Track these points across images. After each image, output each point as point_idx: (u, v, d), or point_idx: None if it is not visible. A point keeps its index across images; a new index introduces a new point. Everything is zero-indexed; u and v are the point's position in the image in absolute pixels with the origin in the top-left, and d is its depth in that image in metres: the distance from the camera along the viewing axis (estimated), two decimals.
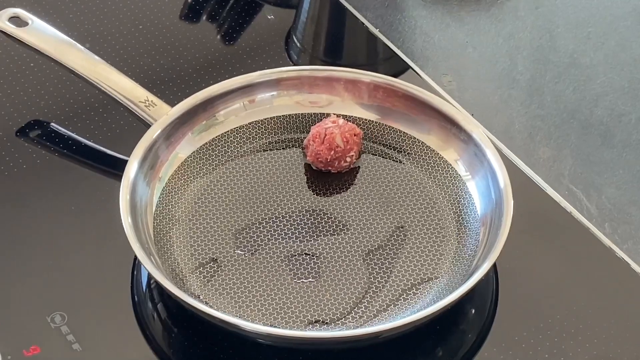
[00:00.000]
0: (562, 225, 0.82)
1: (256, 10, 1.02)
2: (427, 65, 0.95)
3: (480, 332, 0.75)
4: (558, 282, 0.78)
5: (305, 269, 0.76)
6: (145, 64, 0.94)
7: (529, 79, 0.94)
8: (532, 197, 0.83)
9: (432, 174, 0.82)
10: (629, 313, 0.77)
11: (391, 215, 0.79)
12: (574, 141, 0.89)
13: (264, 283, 0.75)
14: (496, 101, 0.93)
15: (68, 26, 0.93)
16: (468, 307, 0.76)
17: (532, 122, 0.90)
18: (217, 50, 0.98)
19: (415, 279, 0.75)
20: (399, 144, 0.84)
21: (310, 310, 0.73)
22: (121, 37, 0.96)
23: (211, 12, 1.01)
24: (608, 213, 0.82)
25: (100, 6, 0.99)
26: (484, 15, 1.00)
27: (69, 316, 0.74)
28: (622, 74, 0.94)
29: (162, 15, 1.00)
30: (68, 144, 0.87)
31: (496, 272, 0.77)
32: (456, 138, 0.82)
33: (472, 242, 0.77)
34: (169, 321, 0.75)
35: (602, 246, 0.80)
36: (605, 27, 0.99)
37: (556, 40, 0.97)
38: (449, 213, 0.79)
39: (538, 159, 0.87)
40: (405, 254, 0.77)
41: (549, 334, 0.74)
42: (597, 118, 0.91)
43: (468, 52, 0.97)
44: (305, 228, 0.78)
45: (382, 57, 0.99)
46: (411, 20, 0.99)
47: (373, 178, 0.82)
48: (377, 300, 0.74)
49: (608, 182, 0.85)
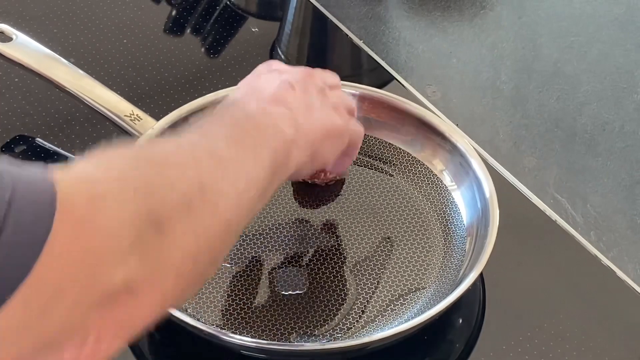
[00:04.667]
0: (548, 234, 0.82)
1: (240, 22, 1.02)
2: (411, 75, 0.95)
3: (468, 342, 0.75)
4: (544, 291, 0.78)
5: (292, 281, 0.76)
6: (130, 78, 0.94)
7: (513, 88, 0.95)
8: (518, 206, 0.84)
9: (417, 185, 0.82)
10: (615, 320, 0.77)
11: (377, 226, 0.79)
12: (559, 150, 0.89)
13: (252, 295, 0.75)
14: (481, 111, 0.93)
15: (52, 41, 0.93)
16: (455, 317, 0.76)
17: (517, 132, 0.91)
18: (202, 63, 0.98)
19: (402, 290, 0.75)
20: (384, 155, 0.84)
21: (298, 322, 0.73)
22: (106, 52, 0.96)
23: (195, 25, 1.01)
24: (593, 221, 0.83)
25: (84, 21, 0.99)
26: (468, 26, 1.01)
27: None
28: (605, 83, 0.95)
29: (146, 29, 1.00)
30: (54, 159, 0.86)
31: (483, 281, 0.77)
32: (441, 148, 0.82)
33: (459, 251, 0.77)
34: (156, 335, 0.75)
35: (587, 254, 0.80)
36: (588, 36, 1.00)
37: (539, 50, 0.98)
38: (435, 223, 0.80)
39: (523, 168, 0.87)
40: (392, 264, 0.77)
41: (536, 342, 0.74)
42: (581, 127, 0.91)
43: (452, 62, 0.97)
44: (292, 240, 0.78)
45: (366, 68, 0.99)
46: (395, 31, 1.00)
47: (359, 189, 0.82)
48: (364, 311, 0.74)
49: (593, 191, 0.86)
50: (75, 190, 0.46)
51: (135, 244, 0.47)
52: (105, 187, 0.48)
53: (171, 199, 0.51)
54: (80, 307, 0.45)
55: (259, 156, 0.61)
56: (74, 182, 0.47)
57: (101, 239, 0.46)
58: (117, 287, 0.47)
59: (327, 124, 0.70)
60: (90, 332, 0.46)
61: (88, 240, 0.45)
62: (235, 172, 0.58)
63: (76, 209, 0.45)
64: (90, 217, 0.46)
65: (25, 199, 0.43)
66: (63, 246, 0.44)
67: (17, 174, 0.44)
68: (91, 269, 0.45)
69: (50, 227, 0.43)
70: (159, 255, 0.49)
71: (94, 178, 0.48)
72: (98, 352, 0.47)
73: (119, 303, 0.47)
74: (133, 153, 0.54)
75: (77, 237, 0.45)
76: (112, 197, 0.47)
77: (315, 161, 0.69)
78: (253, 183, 0.59)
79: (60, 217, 0.44)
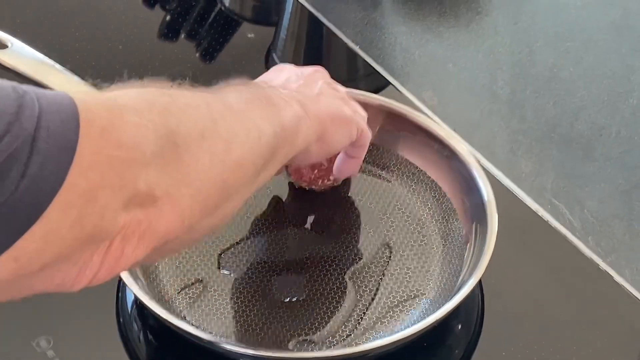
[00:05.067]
0: (546, 239, 0.82)
1: (235, 28, 1.02)
2: (407, 81, 0.95)
3: (467, 348, 0.75)
4: (543, 296, 0.78)
5: (291, 288, 0.75)
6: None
7: (510, 93, 0.95)
8: (516, 211, 0.84)
9: (416, 191, 0.82)
10: (614, 325, 0.77)
11: (376, 232, 0.79)
12: (556, 155, 0.89)
13: (250, 303, 0.74)
14: (477, 116, 0.93)
15: (48, 48, 0.92)
16: (454, 323, 0.76)
17: (514, 137, 0.91)
18: (197, 68, 0.98)
19: (401, 297, 0.75)
20: (382, 161, 0.84)
21: (297, 329, 0.73)
22: (101, 58, 0.96)
23: (190, 31, 1.01)
24: (591, 226, 0.83)
25: (79, 27, 0.99)
26: (464, 31, 1.01)
27: (55, 340, 0.73)
28: (601, 87, 0.95)
29: (141, 34, 0.99)
30: None
31: (481, 287, 0.77)
32: (439, 154, 0.82)
33: (458, 258, 0.77)
34: (155, 343, 0.74)
35: (585, 259, 0.81)
36: (583, 41, 1.00)
37: (535, 55, 0.98)
38: (433, 230, 0.79)
39: (520, 173, 0.87)
40: (391, 271, 0.77)
41: (535, 348, 0.74)
42: (577, 132, 0.91)
43: (448, 67, 0.97)
44: (291, 247, 0.78)
45: (362, 74, 0.99)
46: (391, 36, 1.00)
47: (357, 196, 0.82)
48: (364, 319, 0.74)
49: (590, 196, 0.86)
50: (94, 105, 0.49)
51: (155, 154, 0.51)
52: (125, 101, 0.52)
53: (187, 124, 0.54)
54: (109, 210, 0.49)
55: (270, 115, 0.63)
56: (93, 99, 0.50)
57: (124, 147, 0.49)
58: (140, 192, 0.50)
59: (335, 110, 0.72)
60: (118, 233, 0.50)
61: (112, 149, 0.49)
62: (247, 121, 0.60)
63: (98, 119, 0.48)
64: (111, 127, 0.49)
65: (52, 113, 0.46)
66: (90, 155, 0.47)
67: (40, 92, 0.47)
68: (117, 175, 0.49)
69: (77, 138, 0.47)
70: (176, 170, 0.53)
71: (112, 95, 0.52)
72: (122, 255, 0.51)
73: (142, 207, 0.51)
74: (149, 89, 0.57)
75: (103, 146, 0.48)
76: (131, 110, 0.51)
77: (324, 143, 0.70)
78: (264, 135, 0.61)
79: (84, 127, 0.47)
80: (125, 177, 0.49)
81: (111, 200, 0.49)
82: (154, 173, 0.51)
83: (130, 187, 0.50)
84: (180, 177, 0.53)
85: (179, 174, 0.53)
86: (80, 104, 0.48)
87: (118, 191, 0.49)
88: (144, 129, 0.51)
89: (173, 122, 0.53)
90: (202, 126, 0.56)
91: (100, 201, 0.48)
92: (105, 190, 0.48)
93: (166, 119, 0.53)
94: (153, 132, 0.51)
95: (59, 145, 0.46)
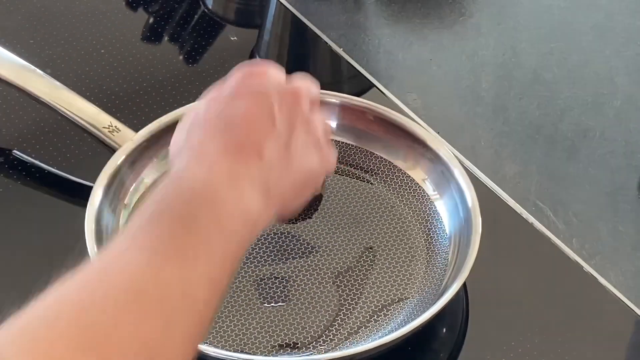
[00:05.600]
0: (530, 242, 0.82)
1: (218, 30, 1.02)
2: (391, 83, 0.94)
3: (452, 351, 0.75)
4: (527, 299, 0.78)
5: (274, 293, 0.75)
6: (108, 89, 0.93)
7: (494, 95, 0.95)
8: (500, 214, 0.83)
9: (399, 194, 0.82)
10: (598, 328, 0.77)
11: (360, 236, 0.79)
12: (540, 157, 0.89)
13: (233, 308, 0.74)
14: (461, 119, 0.93)
15: (28, 52, 0.92)
16: (439, 327, 0.75)
17: (498, 139, 0.91)
18: (180, 72, 0.97)
19: (385, 300, 0.75)
20: (365, 163, 0.84)
21: (280, 334, 0.72)
22: (83, 62, 0.95)
23: (173, 34, 1.01)
24: (575, 228, 0.83)
25: (60, 31, 0.98)
26: (447, 33, 1.01)
27: None
28: (585, 89, 0.95)
29: (123, 37, 0.99)
30: (31, 172, 0.85)
31: (466, 290, 0.77)
32: (423, 157, 0.81)
33: (442, 261, 0.77)
34: None
35: (570, 262, 0.80)
36: (567, 42, 1.00)
37: (519, 57, 0.98)
38: (417, 233, 0.79)
39: (504, 176, 0.87)
40: (375, 275, 0.76)
41: (520, 351, 0.74)
42: (562, 133, 0.91)
43: (432, 69, 0.97)
44: (274, 251, 0.78)
45: (346, 76, 0.99)
46: (375, 39, 0.99)
47: (340, 199, 0.82)
48: (348, 323, 0.73)
49: (574, 198, 0.85)
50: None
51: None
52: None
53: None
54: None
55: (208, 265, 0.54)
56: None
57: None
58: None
59: (304, 173, 0.63)
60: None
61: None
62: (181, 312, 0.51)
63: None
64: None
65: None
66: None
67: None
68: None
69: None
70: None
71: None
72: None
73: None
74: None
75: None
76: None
77: (280, 216, 0.62)
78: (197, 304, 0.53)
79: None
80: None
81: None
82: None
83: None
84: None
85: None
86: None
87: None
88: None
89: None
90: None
91: None
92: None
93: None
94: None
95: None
